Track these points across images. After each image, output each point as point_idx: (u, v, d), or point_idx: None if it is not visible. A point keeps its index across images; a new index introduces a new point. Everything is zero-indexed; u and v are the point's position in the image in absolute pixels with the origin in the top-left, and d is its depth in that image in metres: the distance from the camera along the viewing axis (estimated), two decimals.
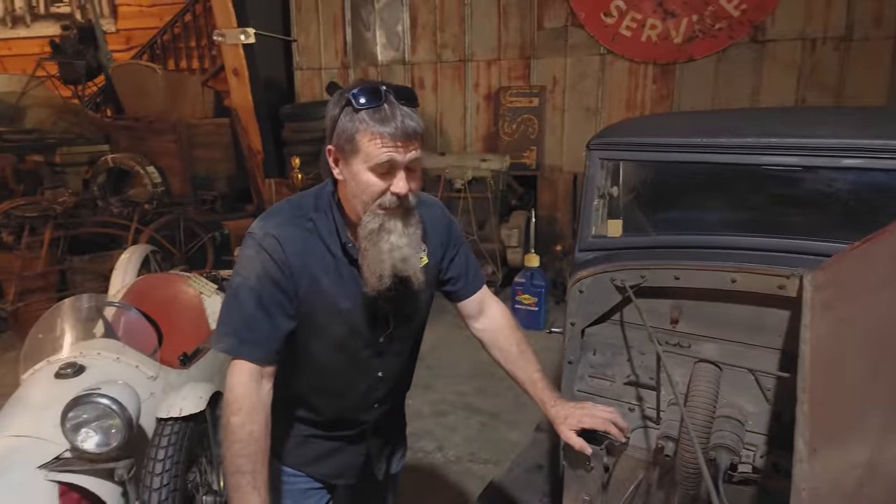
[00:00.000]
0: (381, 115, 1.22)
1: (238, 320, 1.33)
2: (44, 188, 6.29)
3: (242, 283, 1.33)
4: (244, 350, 1.32)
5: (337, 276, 1.37)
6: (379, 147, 1.22)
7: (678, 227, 1.80)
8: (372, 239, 1.29)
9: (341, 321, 1.40)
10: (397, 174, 1.26)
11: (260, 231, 1.34)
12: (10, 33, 9.98)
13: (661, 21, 5.88)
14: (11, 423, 2.19)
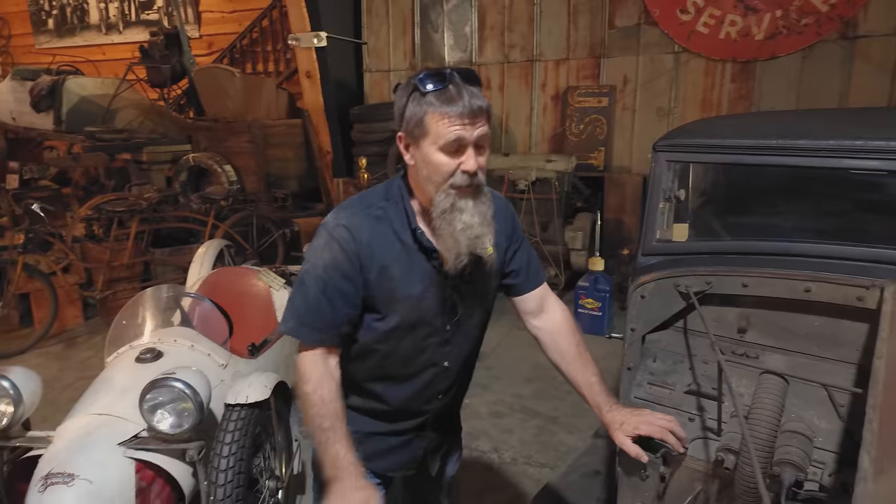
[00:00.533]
0: (447, 96, 1.27)
1: (302, 305, 1.40)
2: (131, 185, 6.69)
3: (310, 270, 1.39)
4: (304, 333, 1.40)
5: (407, 262, 1.41)
6: (447, 126, 1.27)
7: (748, 233, 1.73)
8: (446, 218, 1.33)
9: (410, 307, 1.43)
10: (466, 151, 1.30)
11: (332, 222, 1.41)
12: (105, 39, 10.65)
13: (742, 17, 5.64)
14: (96, 401, 2.35)
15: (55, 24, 11.05)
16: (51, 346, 4.93)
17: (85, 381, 3.87)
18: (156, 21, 10.05)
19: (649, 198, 1.81)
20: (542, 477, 3.01)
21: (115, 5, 10.45)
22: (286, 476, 2.63)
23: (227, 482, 2.16)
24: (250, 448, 2.29)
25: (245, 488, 2.24)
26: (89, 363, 4.62)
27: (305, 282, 1.40)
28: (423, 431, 1.63)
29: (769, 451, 1.12)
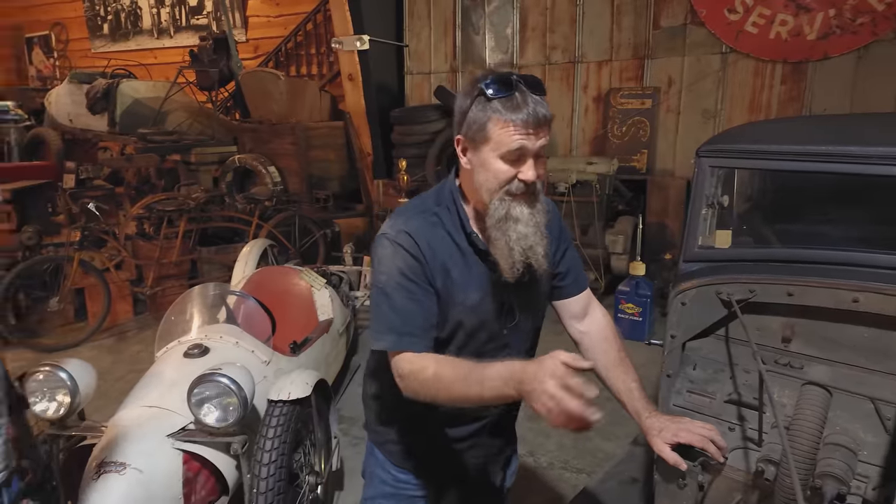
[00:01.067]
0: (512, 103, 1.26)
1: (393, 316, 1.36)
2: (180, 185, 6.89)
3: (388, 281, 1.36)
4: (405, 343, 1.35)
5: (465, 267, 1.41)
6: (511, 134, 1.26)
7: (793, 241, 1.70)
8: (500, 227, 1.33)
9: (470, 312, 1.43)
10: (527, 161, 1.29)
11: (392, 230, 1.39)
12: (156, 43, 11.00)
13: (793, 16, 5.49)
14: (147, 394, 2.44)
15: (110, 29, 11.46)
16: (103, 340, 5.11)
17: (135, 374, 4.02)
18: (205, 26, 10.33)
19: (692, 203, 1.79)
20: (579, 482, 3.00)
21: (167, 11, 10.78)
22: (325, 472, 2.68)
23: (270, 475, 2.22)
24: (291, 443, 2.35)
25: (286, 482, 2.30)
26: (139, 357, 4.78)
27: (387, 293, 1.36)
28: (481, 437, 1.62)
29: (811, 463, 1.10)
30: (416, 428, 1.59)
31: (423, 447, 1.61)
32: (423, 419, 1.56)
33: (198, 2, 10.46)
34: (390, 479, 1.66)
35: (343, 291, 4.41)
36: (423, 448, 1.61)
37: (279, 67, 9.05)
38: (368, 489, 1.72)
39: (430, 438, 1.60)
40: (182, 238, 5.57)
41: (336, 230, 6.60)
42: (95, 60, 10.99)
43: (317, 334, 3.37)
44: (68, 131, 9.08)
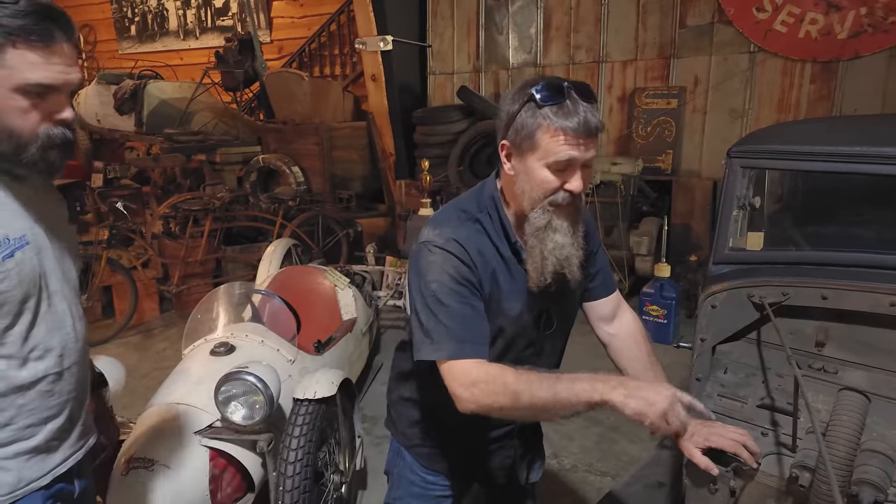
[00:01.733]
0: (564, 111, 1.22)
1: (451, 323, 1.31)
2: (205, 184, 6.99)
3: (440, 288, 1.32)
4: (467, 350, 1.30)
5: (509, 275, 1.40)
6: (561, 143, 1.23)
7: (826, 243, 1.66)
8: (538, 236, 1.31)
9: (513, 320, 1.42)
10: (575, 172, 1.27)
11: (439, 238, 1.35)
12: (182, 45, 11.15)
13: (824, 15, 5.39)
14: (174, 391, 2.48)
15: (137, 30, 11.65)
16: (130, 337, 5.19)
17: (160, 372, 4.08)
18: (230, 27, 10.45)
19: (722, 205, 1.76)
20: (603, 485, 2.97)
21: (193, 12, 10.92)
22: (349, 471, 2.70)
23: (296, 473, 2.24)
24: (317, 442, 2.37)
25: (311, 480, 2.31)
26: (165, 354, 4.85)
27: (441, 300, 1.31)
28: (512, 439, 1.62)
29: (847, 470, 1.08)
30: (447, 432, 1.59)
31: (454, 451, 1.60)
32: (455, 424, 1.53)
33: (223, 3, 10.58)
34: (419, 480, 1.67)
35: (366, 291, 4.43)
36: (454, 451, 1.60)
37: (303, 68, 9.12)
38: (396, 490, 1.73)
39: (462, 442, 1.60)
40: (207, 237, 5.64)
41: (358, 230, 6.63)
42: (123, 61, 11.16)
43: (341, 333, 3.39)
44: (96, 131, 9.24)
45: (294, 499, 2.24)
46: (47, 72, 1.15)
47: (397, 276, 5.01)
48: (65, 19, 1.18)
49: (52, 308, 1.29)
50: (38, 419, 1.30)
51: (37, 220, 1.27)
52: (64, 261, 1.34)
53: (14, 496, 1.27)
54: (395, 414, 1.72)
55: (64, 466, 1.37)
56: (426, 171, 6.30)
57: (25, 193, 1.25)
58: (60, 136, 1.21)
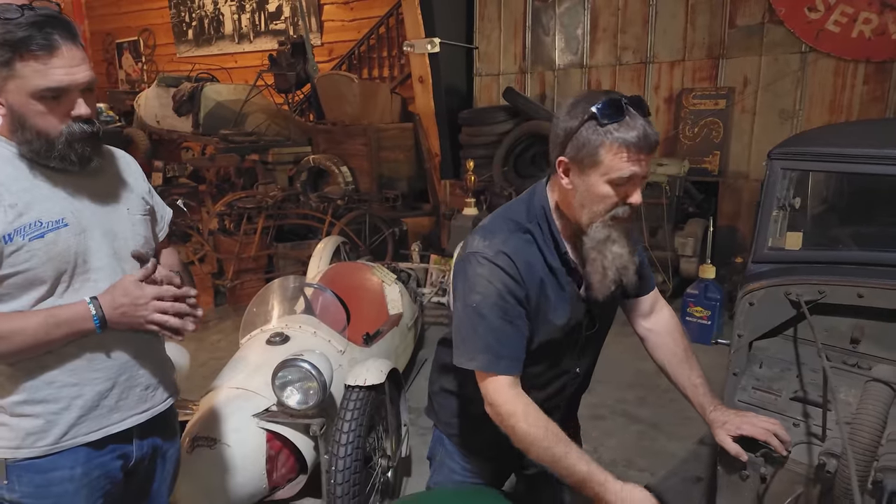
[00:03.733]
0: (626, 128, 1.25)
1: (489, 337, 1.35)
2: (258, 183, 7.23)
3: (483, 301, 1.35)
4: (502, 366, 1.36)
5: (557, 286, 1.43)
6: (624, 160, 1.26)
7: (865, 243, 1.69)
8: (599, 249, 1.35)
9: (560, 327, 1.47)
10: (636, 187, 1.31)
11: (489, 250, 1.37)
12: (237, 48, 11.49)
13: (878, 14, 5.26)
14: (234, 377, 2.64)
15: (194, 34, 12.04)
16: None
17: (216, 361, 4.28)
18: (283, 31, 10.72)
19: (762, 205, 1.81)
20: (642, 481, 3.00)
21: (247, 16, 11.25)
22: (396, 456, 2.82)
23: (347, 455, 2.36)
24: (366, 427, 2.49)
25: (361, 463, 2.44)
26: (219, 345, 5.06)
27: (483, 313, 1.35)
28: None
29: (871, 457, 1.13)
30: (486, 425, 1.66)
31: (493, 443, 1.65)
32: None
33: (276, 7, 10.86)
34: (458, 468, 1.74)
35: (411, 288, 4.55)
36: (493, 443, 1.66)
37: (352, 70, 9.30)
38: (437, 475, 1.80)
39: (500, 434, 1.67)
40: (260, 234, 5.82)
41: (404, 229, 6.75)
42: (180, 65, 11.55)
43: (388, 327, 3.52)
44: (155, 132, 9.62)
45: (345, 479, 2.36)
46: (53, 76, 1.26)
47: (441, 274, 5.12)
48: (65, 24, 1.28)
49: (89, 282, 1.41)
50: (84, 379, 1.42)
51: (81, 204, 1.40)
52: (117, 240, 1.46)
53: (58, 447, 1.40)
54: (436, 404, 1.79)
55: (119, 426, 1.49)
56: (471, 171, 6.39)
57: (67, 181, 1.39)
58: (80, 132, 1.33)
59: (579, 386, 1.69)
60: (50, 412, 1.40)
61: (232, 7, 11.39)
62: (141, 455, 1.58)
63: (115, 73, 13.53)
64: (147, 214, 1.59)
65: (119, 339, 1.46)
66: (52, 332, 1.33)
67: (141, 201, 1.58)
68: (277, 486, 2.52)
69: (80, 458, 1.44)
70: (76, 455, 1.43)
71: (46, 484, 1.40)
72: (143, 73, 13.02)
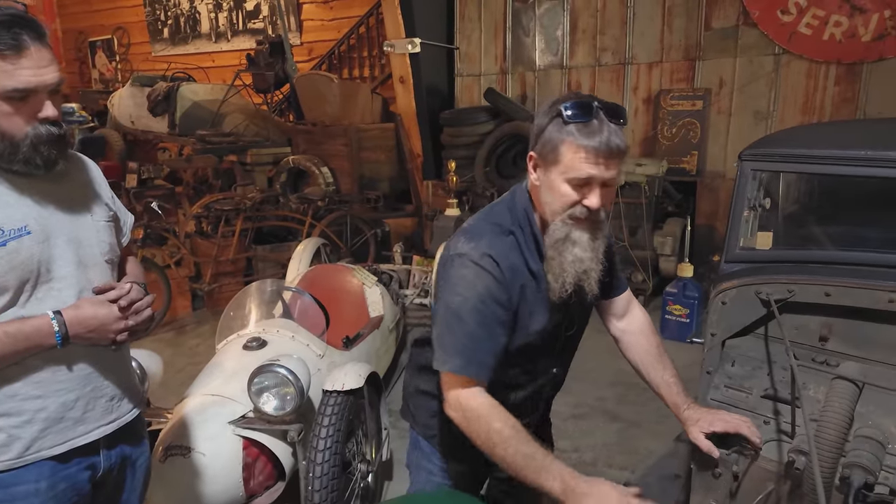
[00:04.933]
0: (589, 130, 1.26)
1: (464, 340, 1.35)
2: (236, 185, 7.15)
3: (463, 304, 1.35)
4: (471, 370, 1.35)
5: (537, 290, 1.43)
6: (581, 161, 1.26)
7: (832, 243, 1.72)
8: (557, 248, 1.35)
9: (540, 329, 1.47)
10: (593, 189, 1.30)
11: (475, 252, 1.37)
12: (214, 47, 11.37)
13: (848, 17, 5.36)
14: (209, 383, 2.61)
15: (170, 33, 11.89)
16: (163, 334, 5.34)
17: (193, 366, 4.23)
18: (261, 30, 10.62)
19: (733, 206, 1.83)
20: (622, 479, 3.03)
21: (224, 15, 11.14)
22: (376, 461, 2.80)
23: (325, 461, 2.34)
24: (345, 432, 2.47)
25: (340, 469, 2.42)
26: (197, 350, 5.00)
27: (462, 317, 1.35)
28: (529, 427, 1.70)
29: (838, 453, 1.15)
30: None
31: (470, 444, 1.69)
32: None
33: (254, 6, 10.77)
34: (437, 469, 1.74)
35: (393, 289, 4.54)
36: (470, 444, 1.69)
37: (332, 70, 9.25)
38: (414, 477, 1.80)
39: None
40: (238, 236, 5.76)
41: (386, 230, 6.73)
42: (155, 64, 11.41)
43: (368, 330, 3.50)
44: (130, 132, 9.47)
45: (323, 485, 2.34)
46: (20, 77, 1.23)
47: (424, 275, 5.11)
48: (33, 24, 1.26)
49: (53, 291, 1.38)
50: (48, 391, 1.39)
51: (45, 211, 1.37)
52: (81, 248, 1.43)
53: (21, 461, 1.37)
54: (412, 405, 1.79)
55: (84, 439, 1.46)
56: (453, 171, 6.38)
57: (31, 186, 1.35)
58: (46, 134, 1.30)
59: (556, 387, 1.71)
60: (12, 426, 1.36)
61: (209, 5, 11.26)
62: (109, 465, 1.55)
63: (87, 72, 13.34)
64: (111, 221, 1.56)
65: (83, 350, 1.43)
66: (9, 347, 1.30)
67: (105, 207, 1.55)
68: (255, 493, 2.49)
69: (45, 471, 1.41)
70: (41, 469, 1.40)
71: (10, 499, 1.37)
72: (117, 73, 12.85)
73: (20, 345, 1.31)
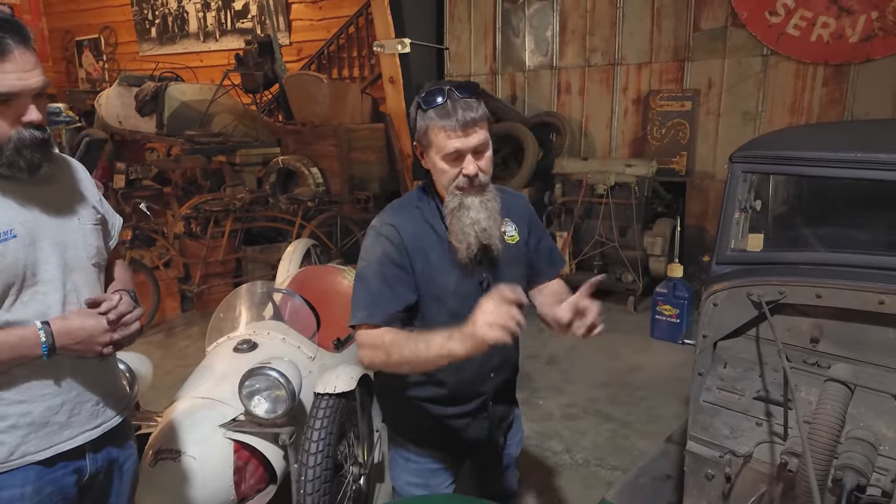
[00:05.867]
0: (444, 111, 1.45)
1: (366, 296, 1.54)
2: (225, 185, 7.11)
3: (367, 266, 1.56)
4: (376, 317, 1.52)
5: (444, 252, 1.58)
6: (446, 139, 1.46)
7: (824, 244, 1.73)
8: (455, 215, 1.51)
9: (452, 292, 1.59)
10: (465, 158, 1.48)
11: (378, 223, 1.59)
12: (202, 47, 11.30)
13: (835, 19, 5.41)
14: (199, 386, 2.58)
15: (157, 32, 11.81)
16: (152, 336, 5.31)
17: (183, 369, 4.20)
18: (250, 29, 10.57)
19: (724, 208, 1.84)
20: (614, 479, 3.04)
21: (213, 14, 11.08)
22: (368, 463, 2.79)
23: (316, 464, 2.33)
24: (336, 434, 2.46)
25: (331, 472, 2.41)
26: (186, 352, 4.97)
27: (365, 276, 1.55)
28: (483, 411, 1.77)
29: (831, 455, 1.15)
30: (423, 412, 1.73)
31: (435, 428, 1.74)
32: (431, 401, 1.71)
33: (243, 6, 10.71)
34: (413, 455, 1.81)
35: None
36: (435, 428, 1.74)
37: (321, 70, 9.22)
38: (394, 471, 1.87)
39: (439, 419, 1.73)
40: (228, 237, 5.74)
41: None
42: (143, 63, 11.33)
43: None
44: (117, 132, 9.39)
45: (315, 489, 2.33)
46: (4, 81, 1.22)
47: None
48: (17, 28, 1.25)
49: (38, 294, 1.37)
50: (33, 396, 1.38)
51: (30, 214, 1.36)
52: (67, 251, 1.42)
53: (5, 466, 1.36)
54: (382, 403, 1.89)
55: (70, 444, 1.45)
56: None
57: (16, 190, 1.34)
58: (30, 137, 1.30)
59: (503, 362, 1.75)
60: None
61: (197, 5, 11.20)
62: (96, 469, 1.54)
63: (74, 71, 13.22)
64: (98, 224, 1.55)
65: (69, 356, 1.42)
66: None
67: (92, 210, 1.53)
68: (246, 497, 2.47)
69: (31, 476, 1.39)
70: (26, 473, 1.39)
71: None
72: (104, 72, 12.74)
73: (4, 355, 1.30)
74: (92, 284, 1.50)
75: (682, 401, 3.67)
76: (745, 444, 1.37)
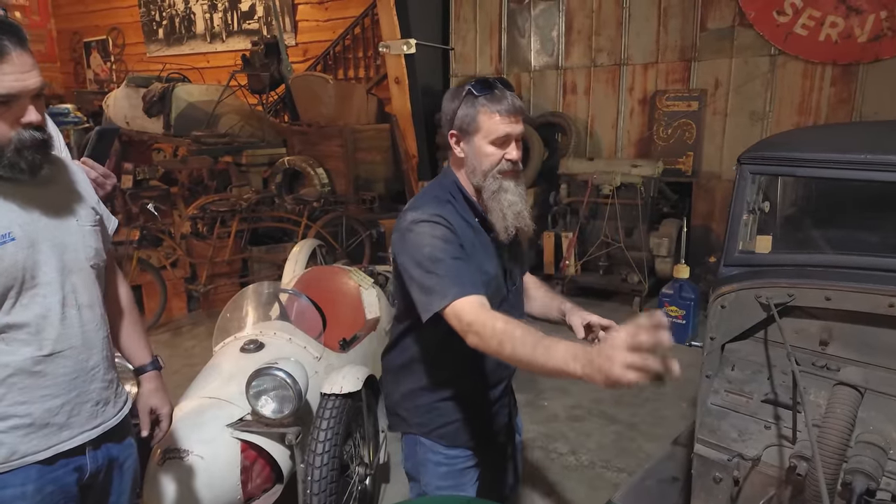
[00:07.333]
0: (495, 98, 1.55)
1: (450, 273, 1.48)
2: (232, 186, 7.13)
3: (433, 249, 1.51)
4: (469, 290, 1.46)
5: (480, 244, 1.64)
6: (497, 122, 1.55)
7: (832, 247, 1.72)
8: (495, 198, 1.59)
9: (487, 281, 1.62)
10: (511, 144, 1.58)
11: (424, 214, 1.57)
12: (209, 48, 11.34)
13: (844, 18, 5.38)
14: (206, 386, 2.60)
15: (165, 33, 11.86)
16: (159, 335, 5.34)
17: (190, 368, 4.21)
18: (256, 30, 10.60)
19: (732, 209, 1.83)
20: (619, 481, 3.04)
21: (220, 16, 11.11)
22: (374, 464, 2.80)
23: (323, 465, 2.34)
24: (343, 435, 2.47)
25: (337, 472, 2.41)
26: (193, 351, 4.99)
27: (438, 257, 1.49)
28: (505, 398, 1.84)
29: (840, 459, 1.15)
30: (458, 403, 1.74)
31: (469, 418, 1.76)
32: (461, 393, 1.73)
33: (249, 7, 10.74)
34: (443, 458, 1.78)
35: (389, 291, 4.52)
36: (469, 419, 1.76)
37: (327, 71, 9.24)
38: (424, 477, 1.82)
39: (472, 408, 1.76)
40: (234, 238, 5.76)
41: (381, 231, 6.72)
42: (150, 64, 11.37)
43: (365, 332, 3.49)
44: (125, 133, 9.42)
45: (321, 489, 2.34)
46: (3, 83, 1.23)
47: None
48: (14, 29, 1.25)
49: (38, 297, 1.37)
50: (32, 397, 1.38)
51: (29, 216, 1.36)
52: (66, 253, 1.42)
53: (6, 467, 1.36)
54: (403, 412, 1.83)
55: (70, 444, 1.46)
56: None
57: (16, 192, 1.34)
58: (30, 139, 1.30)
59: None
60: None
61: (203, 6, 11.24)
62: (96, 467, 1.55)
63: (82, 72, 13.28)
64: (97, 225, 1.54)
65: (69, 356, 1.43)
66: None
67: (91, 211, 1.53)
68: (253, 497, 2.48)
69: (32, 475, 1.40)
70: (27, 473, 1.39)
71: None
72: (111, 73, 12.80)
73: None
74: (91, 286, 1.50)
75: (689, 402, 3.66)
76: (753, 447, 1.36)
